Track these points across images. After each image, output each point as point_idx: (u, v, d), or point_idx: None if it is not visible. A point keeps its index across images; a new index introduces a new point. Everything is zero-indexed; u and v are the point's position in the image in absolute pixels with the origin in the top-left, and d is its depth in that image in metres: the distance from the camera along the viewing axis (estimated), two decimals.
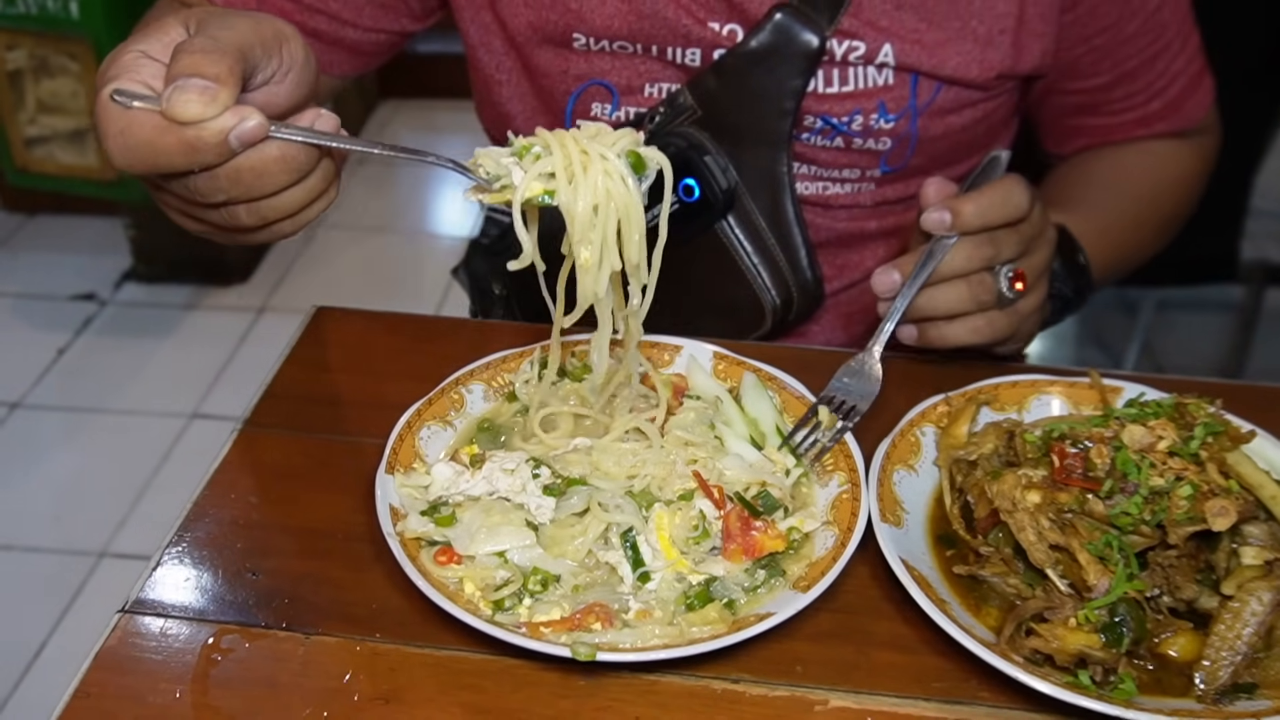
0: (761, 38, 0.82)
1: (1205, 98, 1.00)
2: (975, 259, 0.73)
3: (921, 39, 0.83)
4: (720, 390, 0.73)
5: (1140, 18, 0.91)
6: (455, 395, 0.73)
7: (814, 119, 0.86)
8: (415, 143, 3.15)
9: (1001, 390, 0.73)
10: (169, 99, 0.53)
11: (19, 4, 2.11)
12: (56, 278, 2.60)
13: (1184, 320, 2.58)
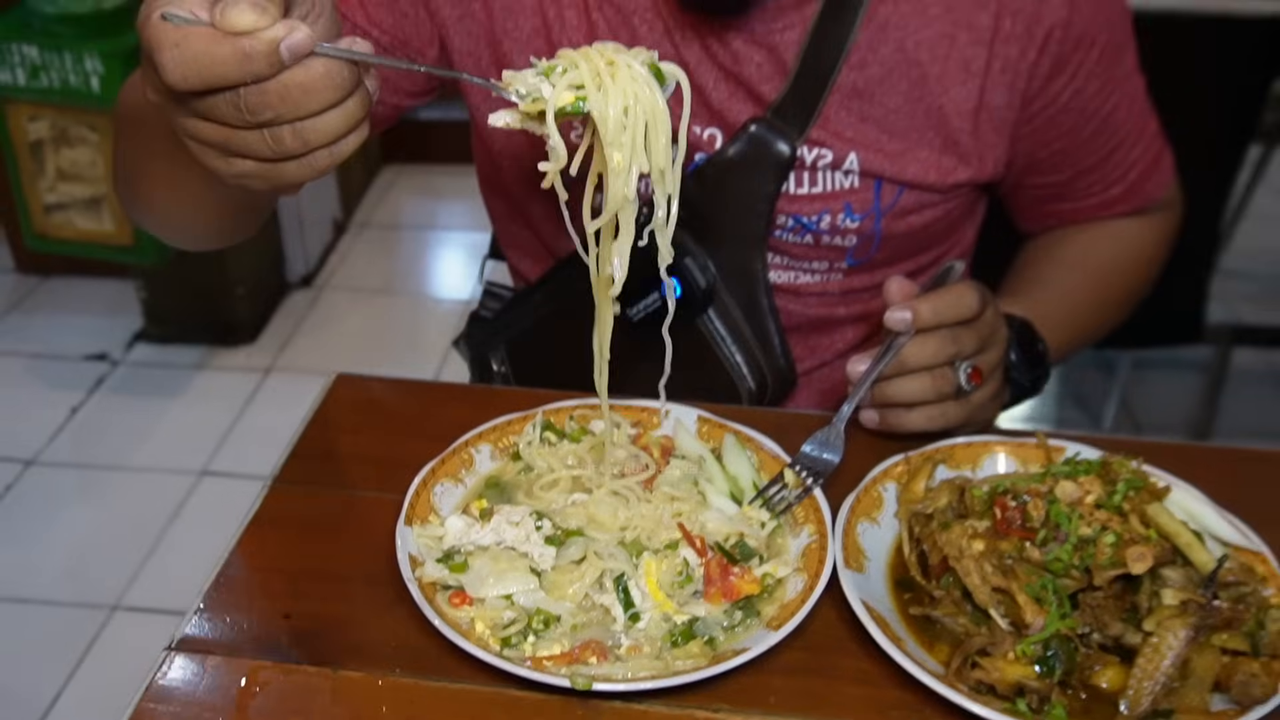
0: (738, 147, 0.91)
1: (1165, 176, 1.08)
2: (940, 354, 0.82)
3: (884, 148, 0.92)
4: (704, 450, 0.81)
5: (1095, 121, 0.99)
6: (465, 455, 0.81)
7: (786, 218, 0.95)
8: (417, 206, 3.27)
9: (956, 450, 0.81)
10: (223, 12, 0.56)
11: (43, 79, 2.22)
12: (70, 338, 2.69)
13: (1159, 379, 2.67)
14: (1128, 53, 0.99)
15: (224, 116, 0.60)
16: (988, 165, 0.96)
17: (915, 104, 0.92)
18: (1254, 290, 3.04)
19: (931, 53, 0.90)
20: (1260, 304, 2.99)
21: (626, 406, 0.85)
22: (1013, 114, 0.94)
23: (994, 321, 0.87)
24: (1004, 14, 0.90)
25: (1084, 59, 0.94)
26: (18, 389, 2.55)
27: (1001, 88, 0.92)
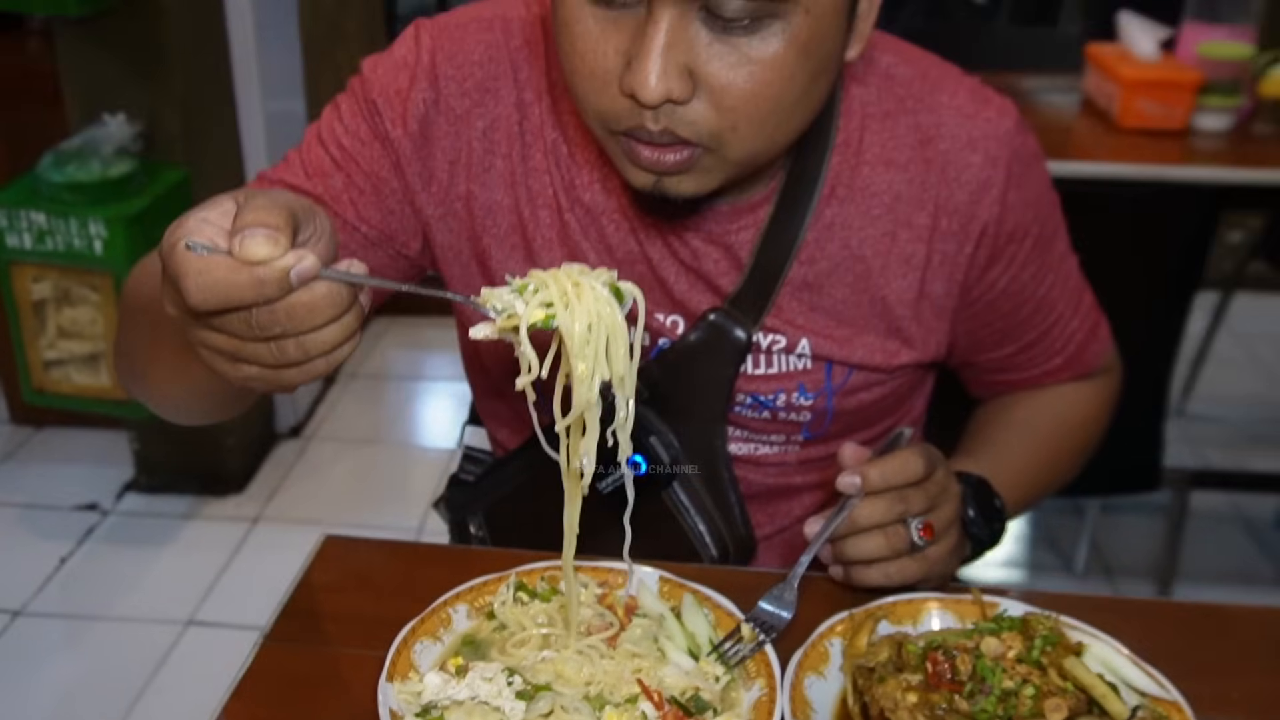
0: (699, 334, 0.99)
1: (1102, 345, 1.16)
2: (888, 514, 0.90)
3: (833, 334, 1.00)
4: (664, 609, 0.88)
5: (1032, 303, 1.07)
6: (444, 614, 0.87)
7: (745, 396, 1.03)
8: (405, 358, 3.36)
9: (898, 607, 0.88)
10: (241, 244, 0.63)
11: (49, 243, 2.33)
12: (61, 488, 2.74)
13: (1128, 522, 2.74)
14: (1059, 238, 1.08)
15: (236, 330, 0.68)
16: (930, 347, 1.04)
17: (861, 295, 1.00)
18: (1221, 434, 3.13)
19: (874, 249, 0.99)
20: (1226, 448, 3.08)
21: (594, 568, 0.92)
22: (952, 301, 1.02)
23: (943, 481, 0.94)
24: (941, 214, 0.98)
25: (1017, 250, 1.02)
26: (8, 539, 2.59)
27: (941, 279, 1.00)
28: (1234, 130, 2.25)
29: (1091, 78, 2.42)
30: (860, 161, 0.98)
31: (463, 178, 1.00)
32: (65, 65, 2.45)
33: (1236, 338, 3.57)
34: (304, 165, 1.00)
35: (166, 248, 0.67)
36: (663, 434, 1.01)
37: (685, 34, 0.78)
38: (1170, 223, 1.92)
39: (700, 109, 0.81)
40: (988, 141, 0.98)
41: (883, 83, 0.98)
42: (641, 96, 0.79)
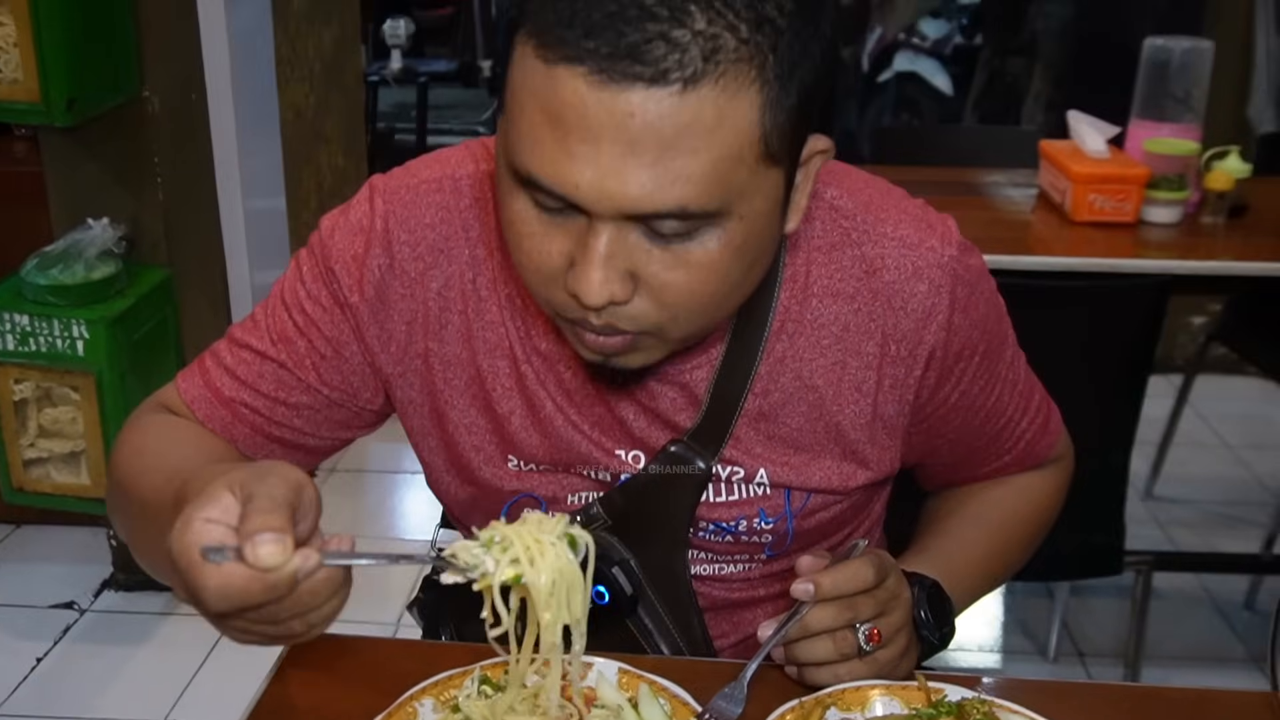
0: (659, 466, 1.03)
1: (1053, 438, 1.19)
2: (838, 620, 0.94)
3: (789, 462, 1.04)
4: (622, 699, 0.91)
5: (982, 412, 1.11)
6: (410, 709, 0.90)
7: (706, 523, 1.06)
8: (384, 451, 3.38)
9: (846, 694, 0.92)
10: (254, 552, 0.68)
11: (32, 344, 2.37)
12: (39, 587, 2.74)
13: (1100, 604, 2.77)
14: (1006, 345, 1.11)
15: (247, 619, 0.74)
16: (884, 465, 1.07)
17: (815, 422, 1.03)
18: (1190, 515, 3.18)
19: (826, 378, 1.02)
20: (1195, 529, 3.12)
21: None
22: (904, 420, 1.06)
23: (894, 588, 0.98)
24: (889, 341, 1.01)
25: (966, 367, 1.05)
26: None
27: (892, 401, 1.03)
28: (1183, 222, 2.34)
29: (1046, 173, 2.51)
30: (808, 294, 1.00)
31: (420, 336, 1.04)
32: (51, 171, 2.52)
33: (1203, 420, 3.64)
34: (269, 329, 1.05)
35: (180, 552, 0.72)
36: (625, 562, 1.04)
37: (625, 242, 0.81)
38: (1123, 312, 1.99)
39: (641, 305, 0.84)
40: (931, 270, 1.00)
41: (828, 215, 1.01)
42: (585, 301, 0.82)
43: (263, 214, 2.86)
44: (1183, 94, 2.39)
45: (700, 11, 0.75)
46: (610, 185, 0.77)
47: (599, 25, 0.74)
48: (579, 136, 0.76)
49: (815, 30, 0.81)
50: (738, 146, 0.78)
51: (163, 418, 1.08)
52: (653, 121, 0.75)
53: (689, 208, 0.78)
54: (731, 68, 0.76)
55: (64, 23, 2.17)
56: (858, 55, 5.47)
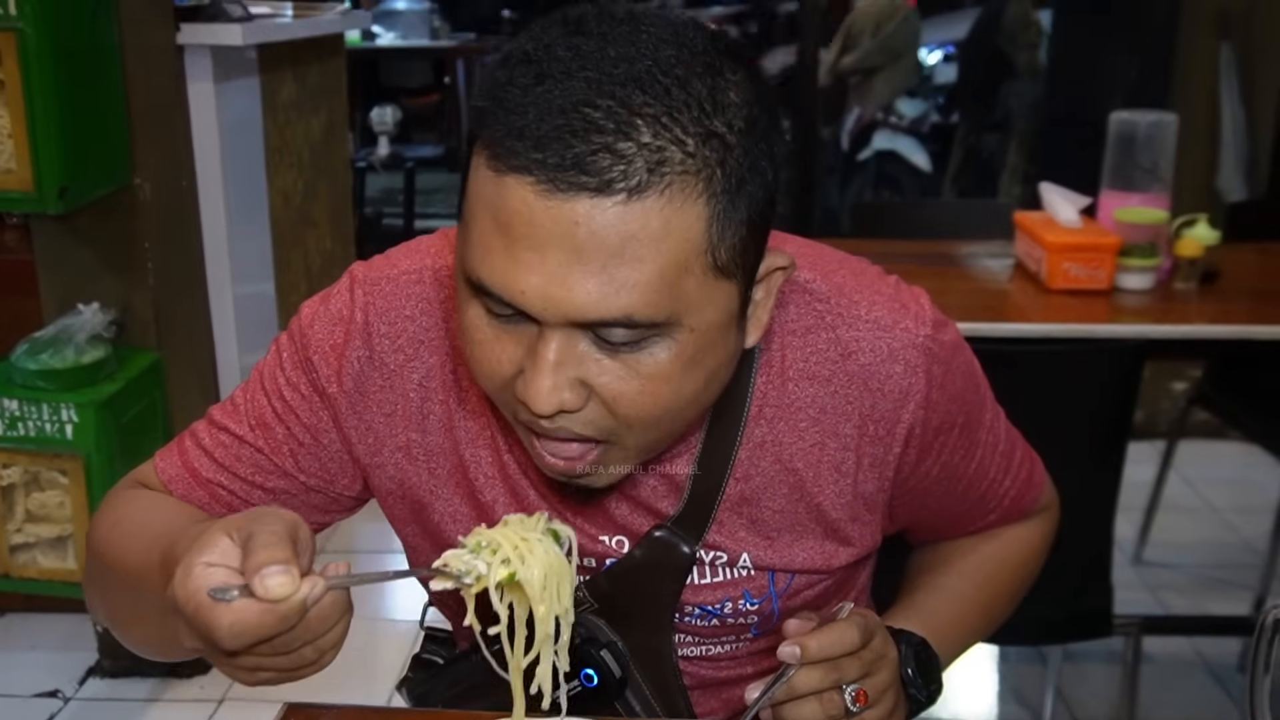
0: (643, 551, 1.04)
1: (1036, 491, 1.20)
2: (824, 682, 0.94)
3: (772, 545, 1.04)
4: None
5: (964, 480, 1.11)
6: None
7: (692, 607, 1.07)
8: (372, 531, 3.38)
9: None
10: (264, 585, 0.71)
11: (20, 429, 2.38)
12: (23, 676, 2.71)
13: (1093, 670, 2.76)
14: (985, 411, 1.11)
15: (260, 654, 0.76)
16: (867, 542, 1.08)
17: (796, 504, 1.04)
18: (1179, 580, 3.19)
19: (805, 460, 1.02)
20: (1185, 593, 3.12)
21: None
22: (884, 495, 1.06)
23: (880, 649, 0.98)
24: (866, 422, 1.01)
25: (946, 440, 1.06)
26: None
27: (872, 480, 1.04)
28: (1156, 288, 2.39)
29: (1021, 243, 2.57)
30: (785, 379, 1.01)
31: (400, 428, 1.04)
32: (42, 257, 2.55)
33: (1188, 484, 3.66)
34: (248, 414, 1.06)
35: (185, 599, 0.74)
36: (613, 644, 1.04)
37: (575, 351, 0.81)
38: (1102, 375, 2.02)
39: (594, 412, 0.84)
40: (907, 351, 1.00)
41: (802, 299, 1.01)
42: (534, 409, 0.82)
43: (252, 297, 2.89)
44: (1150, 164, 2.46)
45: (647, 125, 0.76)
46: (556, 292, 0.78)
47: (547, 137, 0.76)
48: (526, 244, 0.78)
49: (765, 149, 0.82)
50: (684, 256, 0.79)
51: (141, 492, 1.09)
52: (598, 230, 0.76)
53: (634, 316, 0.79)
54: (678, 180, 0.77)
55: (58, 114, 2.21)
56: (837, 134, 5.58)
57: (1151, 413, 3.79)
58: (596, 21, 0.81)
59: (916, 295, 1.04)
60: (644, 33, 0.80)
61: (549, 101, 0.76)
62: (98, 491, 2.39)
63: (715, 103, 0.79)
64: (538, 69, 0.78)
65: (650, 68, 0.77)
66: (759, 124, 0.82)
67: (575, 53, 0.78)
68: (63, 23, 2.22)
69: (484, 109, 0.80)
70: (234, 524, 0.77)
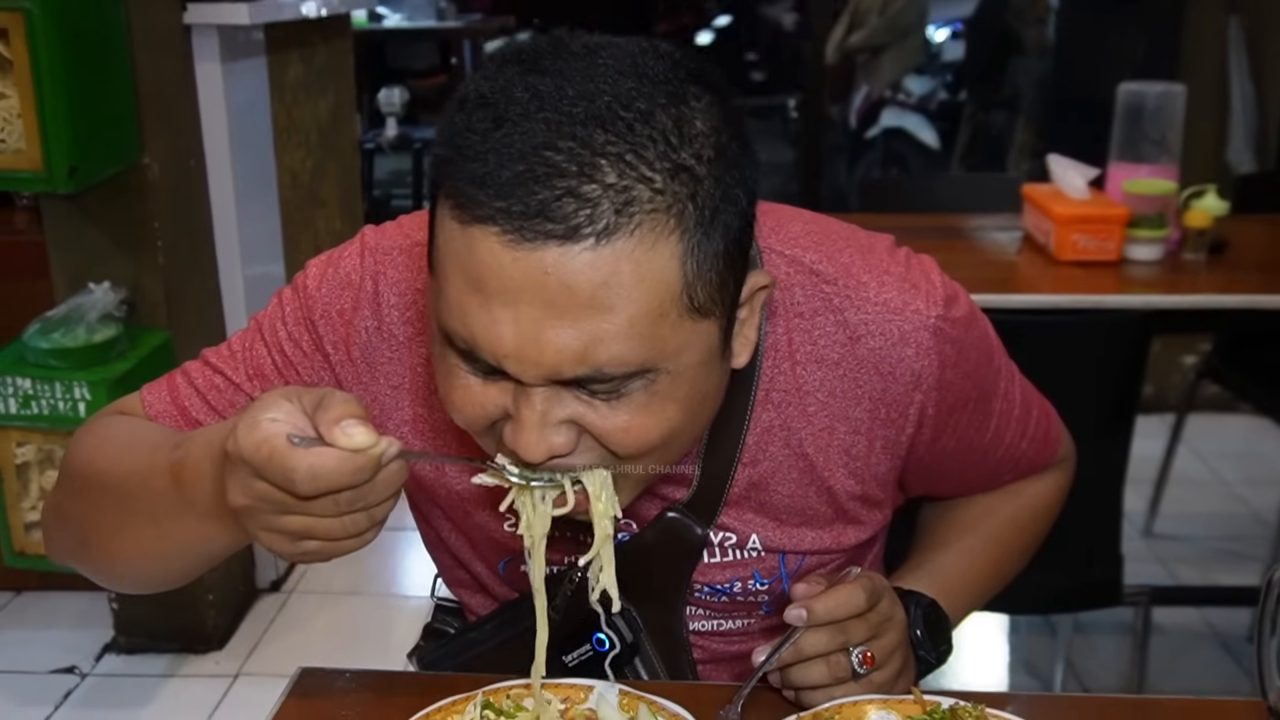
0: (655, 533, 1.04)
1: (1054, 447, 1.18)
2: (831, 644, 0.95)
3: (782, 528, 1.04)
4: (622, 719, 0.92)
5: (980, 450, 1.10)
6: None
7: (702, 585, 1.07)
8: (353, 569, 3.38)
9: (844, 709, 0.93)
10: (346, 434, 0.74)
11: (34, 407, 2.40)
12: (40, 653, 2.74)
13: (1103, 641, 2.77)
14: (999, 379, 1.09)
15: (321, 511, 0.76)
16: (878, 519, 1.08)
17: (806, 488, 1.03)
18: (1190, 552, 3.19)
19: (815, 444, 1.01)
20: (1193, 565, 3.13)
21: (556, 684, 0.97)
22: (896, 474, 1.06)
23: (887, 611, 0.99)
24: (878, 405, 1.00)
25: (960, 416, 1.04)
26: None
27: (884, 461, 1.03)
28: (1164, 259, 2.39)
29: (1029, 216, 2.56)
30: (793, 362, 1.00)
31: (408, 402, 1.04)
32: (53, 237, 2.56)
33: (1198, 457, 3.66)
34: (245, 362, 1.03)
35: (254, 447, 0.75)
36: (626, 610, 1.04)
37: (559, 398, 0.80)
38: (1110, 345, 2.02)
39: (588, 449, 0.83)
40: (918, 334, 0.98)
41: (808, 281, 0.98)
42: (525, 459, 0.82)
43: (261, 277, 2.91)
44: (1158, 136, 2.45)
45: (610, 165, 0.73)
46: (530, 353, 0.76)
47: (509, 184, 0.73)
48: (500, 300, 0.75)
49: (737, 175, 0.79)
50: (660, 301, 0.76)
51: (126, 417, 1.04)
52: (569, 280, 0.74)
53: (607, 370, 0.77)
54: (647, 219, 0.74)
55: (66, 94, 2.22)
56: (845, 112, 5.57)
57: (1161, 387, 3.78)
58: (552, 57, 0.77)
59: (927, 271, 1.01)
60: (601, 65, 0.76)
61: (508, 146, 0.74)
62: None
63: (681, 134, 0.76)
64: (495, 112, 0.75)
65: (610, 104, 0.74)
66: (728, 151, 0.79)
67: (532, 93, 0.75)
68: (70, 2, 2.23)
69: (444, 157, 0.77)
70: (293, 391, 0.78)
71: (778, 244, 1.00)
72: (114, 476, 0.95)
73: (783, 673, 0.96)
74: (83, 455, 1.00)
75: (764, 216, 1.01)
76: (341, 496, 0.75)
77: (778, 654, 0.94)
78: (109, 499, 0.95)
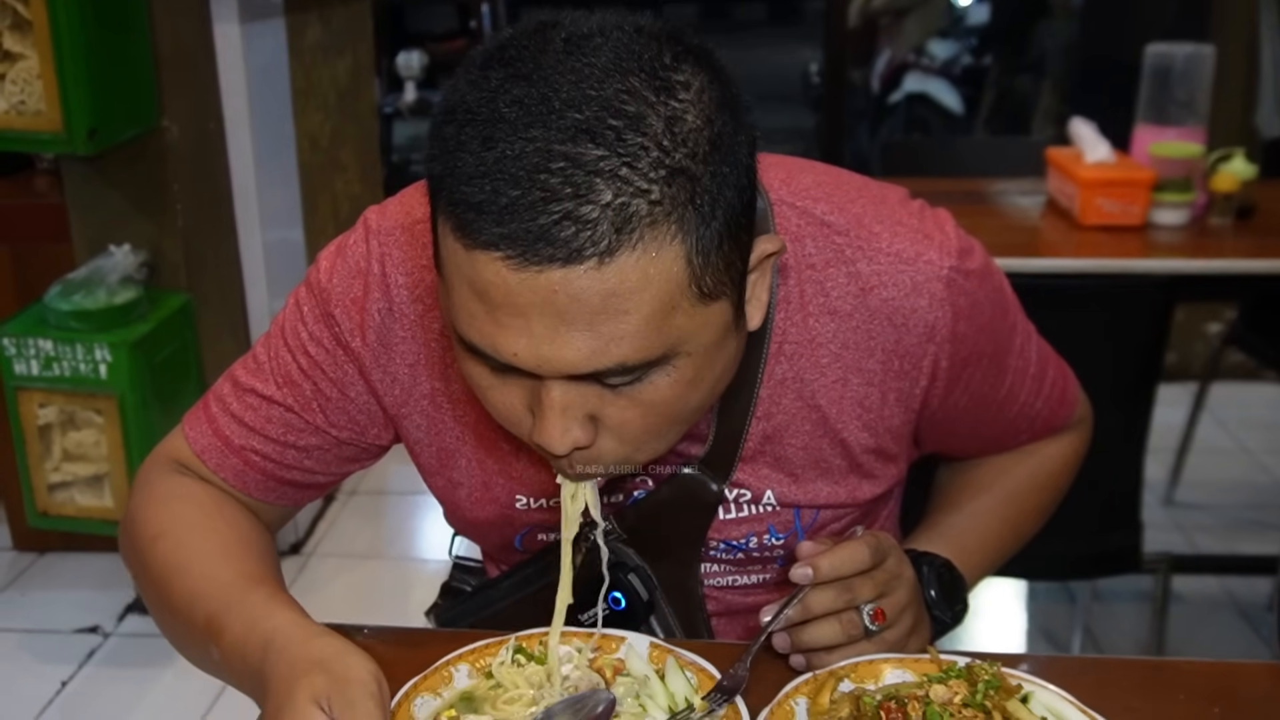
0: (670, 489, 1.04)
1: (1069, 409, 1.18)
2: (838, 601, 0.94)
3: (796, 482, 1.04)
4: (649, 670, 0.94)
5: (993, 407, 1.09)
6: (445, 673, 0.94)
7: (717, 541, 1.07)
8: (403, 473, 3.42)
9: (859, 667, 0.93)
10: None
11: (55, 369, 2.41)
12: (63, 613, 2.77)
13: (1121, 609, 2.76)
14: (1015, 335, 1.08)
15: None
16: (892, 474, 1.07)
17: (819, 440, 1.03)
18: (1211, 521, 3.17)
19: (828, 396, 1.01)
20: (1215, 534, 3.11)
21: (588, 633, 0.98)
22: (910, 427, 1.05)
23: (894, 568, 0.98)
24: (891, 357, 1.00)
25: (974, 371, 1.04)
26: (10, 664, 2.60)
27: (897, 414, 1.03)
28: (1190, 224, 2.36)
29: (1053, 180, 2.53)
30: (805, 314, 0.99)
31: (424, 377, 1.04)
32: (73, 200, 2.57)
33: (1221, 426, 3.63)
34: (273, 372, 1.04)
35: None
36: (641, 569, 1.05)
37: (579, 392, 0.80)
38: (1134, 310, 2.00)
39: (606, 444, 0.84)
40: (931, 284, 0.96)
41: (819, 233, 0.98)
42: (550, 451, 0.82)
43: (280, 240, 2.91)
44: (1186, 98, 2.41)
45: (605, 183, 0.72)
46: (546, 352, 0.76)
47: (507, 210, 0.73)
48: (508, 312, 0.76)
49: (732, 156, 0.78)
50: (669, 297, 0.76)
51: (175, 482, 1.06)
52: (577, 294, 0.74)
53: (628, 363, 0.78)
54: (648, 231, 0.74)
55: (85, 56, 2.22)
56: (867, 77, 5.51)
57: (1185, 355, 3.75)
58: (535, 58, 0.75)
59: (941, 222, 1.01)
60: (587, 65, 0.75)
61: (501, 170, 0.73)
62: (133, 430, 2.43)
63: (674, 135, 0.74)
64: (484, 131, 0.74)
65: (599, 113, 0.73)
66: (724, 137, 0.77)
67: (519, 107, 0.74)
68: None
69: (439, 175, 0.77)
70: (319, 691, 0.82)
71: (789, 196, 0.99)
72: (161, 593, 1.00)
73: (794, 635, 0.96)
74: (139, 534, 1.04)
75: (775, 169, 1.01)
76: None
77: (784, 613, 0.94)
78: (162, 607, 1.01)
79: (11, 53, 2.23)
